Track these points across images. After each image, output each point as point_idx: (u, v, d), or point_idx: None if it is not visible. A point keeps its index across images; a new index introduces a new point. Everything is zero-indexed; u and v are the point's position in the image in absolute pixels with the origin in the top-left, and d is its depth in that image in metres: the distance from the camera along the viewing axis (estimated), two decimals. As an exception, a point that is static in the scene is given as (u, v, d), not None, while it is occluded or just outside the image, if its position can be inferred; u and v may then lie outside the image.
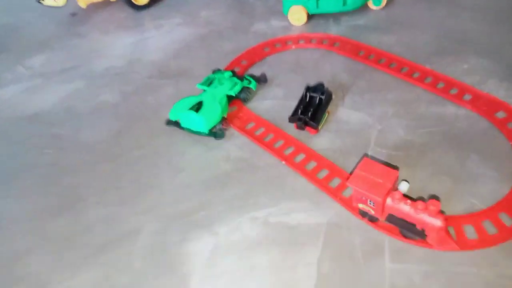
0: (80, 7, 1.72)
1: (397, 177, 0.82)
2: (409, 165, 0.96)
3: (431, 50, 1.27)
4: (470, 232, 0.81)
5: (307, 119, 1.04)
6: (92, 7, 1.78)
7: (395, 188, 0.82)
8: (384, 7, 1.50)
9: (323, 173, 0.97)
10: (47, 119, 1.28)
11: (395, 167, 0.90)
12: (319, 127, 1.06)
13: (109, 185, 1.04)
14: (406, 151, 1.00)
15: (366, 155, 0.96)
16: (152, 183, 1.03)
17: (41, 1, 1.64)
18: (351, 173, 0.86)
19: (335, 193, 0.92)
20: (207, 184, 1.00)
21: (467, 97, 1.09)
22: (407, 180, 0.85)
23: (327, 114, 1.09)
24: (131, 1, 1.69)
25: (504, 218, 0.83)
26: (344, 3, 1.43)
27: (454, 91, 1.11)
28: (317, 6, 1.44)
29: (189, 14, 1.67)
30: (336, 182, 0.95)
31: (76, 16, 1.79)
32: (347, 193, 0.92)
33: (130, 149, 1.13)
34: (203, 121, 1.09)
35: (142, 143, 1.14)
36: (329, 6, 1.44)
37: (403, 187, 0.83)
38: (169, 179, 1.03)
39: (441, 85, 1.14)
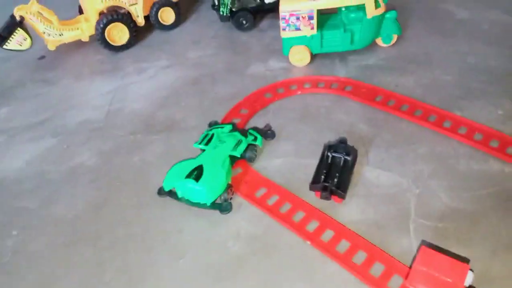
0: (49, 49, 1.51)
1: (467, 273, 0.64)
2: (462, 241, 0.79)
3: (457, 92, 1.13)
4: None
5: (333, 188, 0.86)
6: (62, 49, 1.56)
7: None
8: (394, 44, 1.36)
9: (360, 257, 0.79)
10: (11, 188, 1.05)
11: (464, 259, 0.72)
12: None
13: (89, 279, 0.82)
14: (455, 222, 0.83)
15: (424, 242, 0.78)
16: (145, 273, 0.82)
17: (3, 45, 1.42)
18: (410, 267, 0.68)
19: (380, 285, 0.73)
20: (214, 273, 0.80)
21: (511, 150, 0.95)
22: (469, 262, 0.68)
23: (352, 175, 0.92)
24: (107, 41, 1.50)
25: None
26: (352, 41, 1.28)
27: (494, 144, 0.96)
28: (322, 46, 1.29)
29: (175, 55, 1.49)
30: (378, 269, 0.76)
31: (45, 60, 1.56)
32: (394, 282, 0.74)
33: (114, 227, 0.92)
34: (205, 192, 0.89)
35: (129, 218, 0.93)
36: (335, 45, 1.29)
37: (468, 278, 0.66)
38: (166, 268, 0.83)
39: (478, 136, 0.98)
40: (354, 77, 1.24)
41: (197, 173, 0.92)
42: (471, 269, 0.69)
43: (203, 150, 1.00)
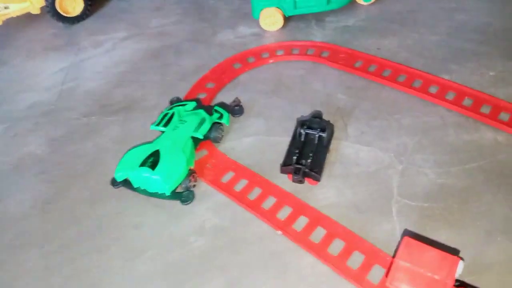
0: (-4, 24, 1.36)
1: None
2: (452, 223, 0.70)
3: (445, 54, 1.02)
4: None
5: (307, 170, 0.75)
6: (12, 24, 1.41)
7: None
8: (375, 2, 1.23)
9: (337, 246, 0.70)
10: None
11: (453, 251, 0.63)
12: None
13: (35, 286, 0.72)
14: (443, 201, 0.73)
15: (406, 232, 0.69)
16: (97, 278, 0.72)
17: None
18: (393, 257, 0.59)
19: (358, 278, 0.65)
20: (174, 273, 0.71)
21: (504, 116, 0.84)
22: (458, 253, 0.59)
23: (328, 153, 0.82)
24: (59, 13, 1.34)
25: None
26: (328, 1, 1.15)
27: (486, 110, 0.86)
28: (295, 6, 1.16)
29: (136, 25, 1.34)
30: (357, 259, 0.68)
31: (-8, 37, 1.42)
32: (375, 275, 0.65)
33: (64, 226, 0.82)
34: (162, 181, 0.78)
35: (80, 215, 0.83)
36: (309, 5, 1.16)
37: (458, 270, 0.57)
38: (120, 270, 0.73)
39: (468, 102, 0.88)
40: (332, 41, 1.12)
41: (153, 160, 0.81)
42: (461, 258, 0.60)
43: (162, 132, 0.89)
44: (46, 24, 1.42)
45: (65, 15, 1.36)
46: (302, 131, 0.81)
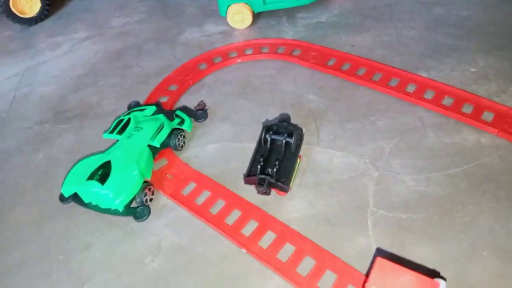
0: None
1: (438, 290, 0.49)
2: (433, 236, 0.63)
3: (423, 50, 0.95)
4: None
5: (272, 181, 0.68)
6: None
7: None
8: (349, -4, 1.17)
9: (307, 265, 0.62)
10: None
11: (433, 273, 0.56)
12: (290, 185, 0.71)
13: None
14: (423, 211, 0.67)
15: (380, 251, 0.62)
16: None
17: None
18: (366, 276, 0.51)
19: (331, 302, 0.57)
20: (128, 301, 0.63)
21: (488, 115, 0.78)
22: (440, 274, 0.53)
23: (298, 160, 0.75)
24: (14, 14, 1.25)
25: None
26: (299, -5, 1.08)
27: (468, 109, 0.80)
28: (264, 2, 1.09)
29: (96, 25, 1.25)
30: (328, 279, 0.60)
31: None
32: (348, 297, 0.58)
33: (7, 250, 0.73)
34: (112, 196, 0.70)
35: (26, 237, 0.74)
36: (280, 0, 1.09)
37: (440, 289, 0.51)
38: (67, 298, 0.65)
39: (448, 101, 0.82)
40: (304, 38, 1.05)
41: (102, 172, 0.73)
42: (443, 278, 0.54)
43: (117, 141, 0.81)
44: (1, 26, 1.33)
45: (21, 15, 1.27)
46: (267, 137, 0.73)
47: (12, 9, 1.25)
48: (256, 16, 1.14)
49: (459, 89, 0.84)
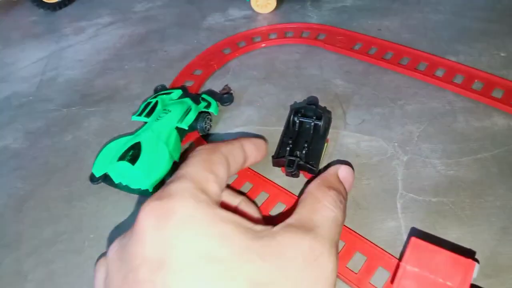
0: (-28, 12, 1.28)
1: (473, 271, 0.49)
2: (464, 220, 0.63)
3: (452, 34, 0.94)
4: None
5: (301, 163, 0.68)
6: (-10, 11, 1.34)
7: None
8: (375, -20, 1.15)
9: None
10: None
11: (468, 252, 0.56)
12: (319, 168, 0.71)
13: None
14: (453, 195, 0.67)
15: (413, 231, 0.62)
16: (74, 282, 0.65)
17: None
18: (400, 260, 0.52)
19: (360, 283, 0.58)
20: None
21: (519, 100, 0.77)
22: (474, 255, 0.53)
23: (326, 144, 0.75)
24: (39, -1, 1.27)
25: None
26: (325, -21, 1.07)
27: (498, 94, 0.79)
28: (289, -14, 1.08)
29: (120, 10, 1.26)
30: (358, 261, 0.61)
31: (-31, 25, 1.34)
32: (378, 278, 0.58)
33: (39, 226, 0.75)
34: (143, 176, 0.72)
35: (58, 214, 0.76)
36: (304, -15, 1.09)
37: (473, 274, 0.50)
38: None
39: (478, 85, 0.81)
40: (329, 22, 1.04)
41: (133, 153, 0.74)
42: (477, 260, 0.54)
43: (145, 123, 0.82)
44: (26, 11, 1.34)
45: (46, 1, 1.29)
46: (296, 119, 0.73)
47: (37, -6, 1.26)
48: (280, 0, 1.13)
49: (489, 73, 0.82)
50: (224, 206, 0.53)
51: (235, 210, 0.57)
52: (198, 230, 0.39)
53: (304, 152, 0.70)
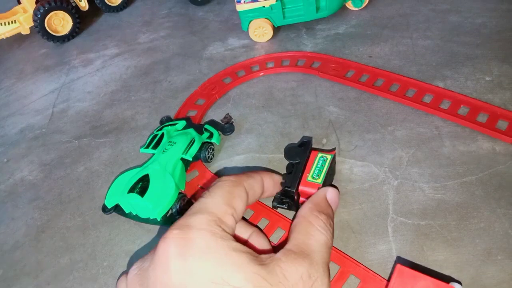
0: (-14, 47, 1.36)
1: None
2: (450, 242, 0.68)
3: (439, 59, 0.99)
4: None
5: (284, 201, 0.73)
6: (2, 46, 1.41)
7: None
8: (366, 6, 1.20)
9: (332, 270, 0.67)
10: None
11: (453, 282, 0.60)
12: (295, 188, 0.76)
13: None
14: (440, 218, 0.71)
15: (398, 260, 0.67)
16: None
17: None
18: (388, 280, 0.57)
19: (355, 304, 0.63)
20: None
21: (502, 124, 0.82)
22: (456, 279, 0.57)
23: (331, 155, 0.77)
24: (49, 32, 1.34)
25: None
26: (318, 9, 1.13)
27: (483, 118, 0.84)
28: (284, 17, 1.14)
29: (125, 41, 1.33)
30: (352, 283, 0.66)
31: (-17, 59, 1.42)
32: (371, 300, 0.63)
33: (56, 254, 0.81)
34: (152, 207, 0.77)
35: (73, 243, 0.82)
36: (299, 15, 1.14)
37: (456, 293, 0.55)
38: (113, 301, 0.72)
39: (464, 110, 0.86)
40: (323, 50, 1.09)
41: (142, 185, 0.80)
42: (459, 282, 0.58)
43: (153, 155, 0.88)
44: (37, 44, 1.42)
45: (54, 34, 1.36)
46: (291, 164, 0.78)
47: (47, 28, 1.33)
48: (276, 29, 1.19)
49: (475, 98, 0.87)
50: (237, 237, 0.60)
51: (246, 242, 0.63)
52: (215, 260, 0.45)
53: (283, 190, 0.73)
